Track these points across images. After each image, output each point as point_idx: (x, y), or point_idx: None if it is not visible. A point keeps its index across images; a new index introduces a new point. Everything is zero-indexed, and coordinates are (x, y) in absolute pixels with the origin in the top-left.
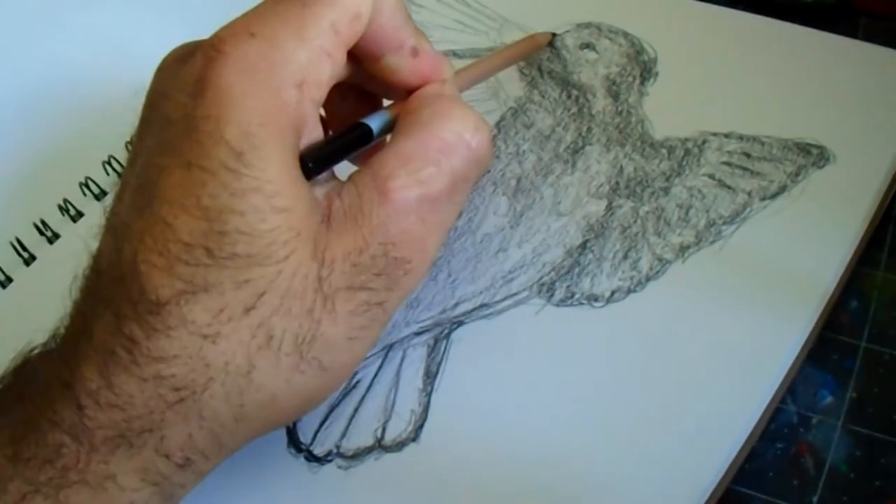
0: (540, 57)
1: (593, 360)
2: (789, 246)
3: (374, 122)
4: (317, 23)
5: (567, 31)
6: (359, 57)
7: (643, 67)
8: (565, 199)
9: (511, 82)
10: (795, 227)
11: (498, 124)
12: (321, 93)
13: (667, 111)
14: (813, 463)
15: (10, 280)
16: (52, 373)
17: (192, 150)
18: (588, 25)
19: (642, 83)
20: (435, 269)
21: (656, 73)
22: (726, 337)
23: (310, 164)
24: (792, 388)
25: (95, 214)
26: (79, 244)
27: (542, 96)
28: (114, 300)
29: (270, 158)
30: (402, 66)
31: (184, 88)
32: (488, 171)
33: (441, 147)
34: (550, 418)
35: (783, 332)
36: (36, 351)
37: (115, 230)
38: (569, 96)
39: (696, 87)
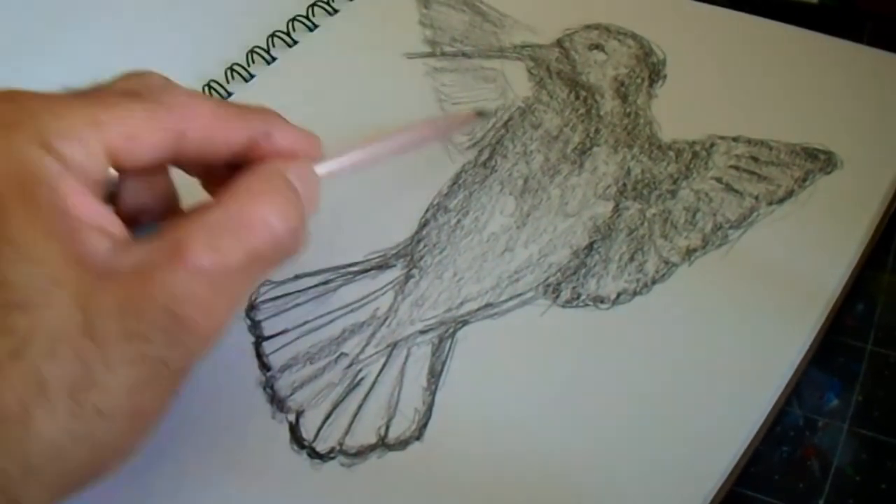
0: (549, 57)
1: (598, 362)
2: (795, 250)
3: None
4: (79, 110)
5: (576, 32)
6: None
7: (652, 69)
8: (572, 200)
9: (520, 82)
10: (802, 232)
11: (506, 124)
12: (82, 168)
13: (675, 113)
14: (819, 466)
15: None
16: None
17: None
18: (597, 27)
19: (651, 85)
20: (440, 267)
21: (665, 76)
22: (731, 340)
23: None
24: (798, 391)
25: None
26: None
27: (551, 97)
28: None
29: (17, 213)
30: (261, 152)
31: None
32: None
33: (245, 223)
34: (554, 418)
35: (787, 335)
36: None
37: None
38: (577, 97)
39: (704, 89)
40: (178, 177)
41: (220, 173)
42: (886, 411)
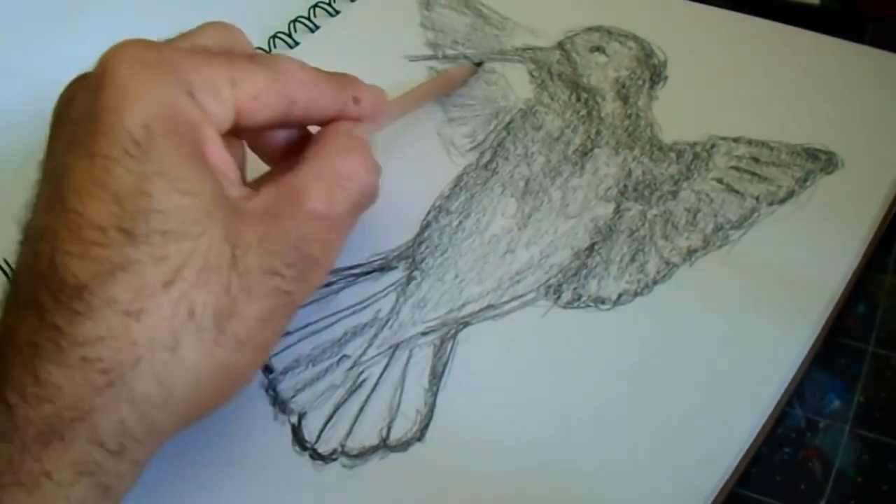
0: (550, 60)
1: (599, 363)
2: (796, 251)
3: None
4: (217, 67)
5: (577, 34)
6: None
7: (653, 71)
8: (573, 202)
9: (521, 84)
10: (803, 233)
11: (507, 126)
12: (217, 119)
13: (676, 115)
14: (820, 467)
15: None
16: None
17: (96, 141)
18: (598, 28)
19: (652, 87)
20: (442, 269)
21: (666, 77)
22: (732, 341)
23: None
24: (799, 393)
25: None
26: None
27: (552, 98)
28: (35, 300)
29: (169, 149)
30: (348, 116)
31: (86, 88)
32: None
33: (345, 176)
34: (555, 420)
35: (789, 336)
36: None
37: (29, 237)
38: (578, 99)
39: (705, 91)
40: None
41: (275, 143)
42: (888, 412)
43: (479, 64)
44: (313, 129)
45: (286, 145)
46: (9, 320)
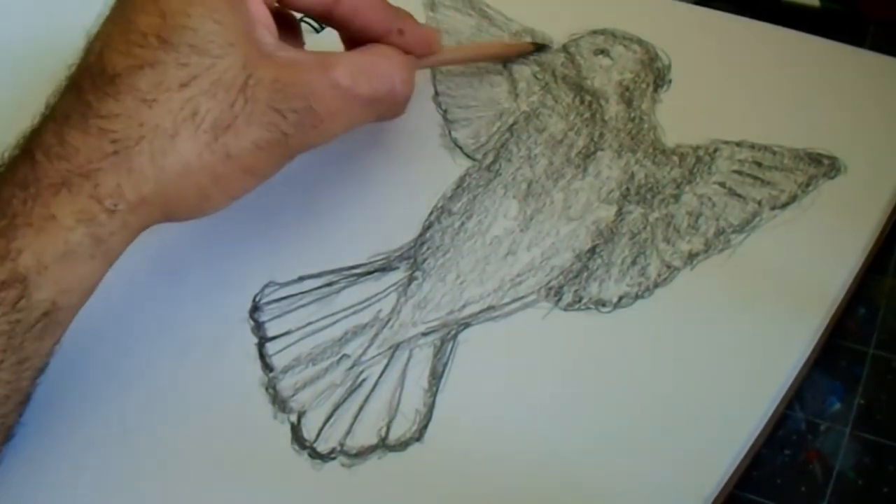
0: (554, 62)
1: (599, 365)
2: (798, 256)
3: None
4: None
5: (582, 37)
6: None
7: (657, 74)
8: (575, 204)
9: (525, 87)
10: (805, 238)
11: (511, 128)
12: None
13: (679, 118)
14: (821, 470)
15: None
16: (17, 147)
17: None
18: (603, 31)
19: (655, 90)
20: (443, 270)
21: (670, 81)
22: (732, 344)
23: None
24: (800, 395)
25: None
26: None
27: (556, 101)
28: (77, 83)
29: None
30: (392, 44)
31: None
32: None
33: (378, 71)
34: (555, 421)
35: (789, 339)
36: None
37: (90, 39)
38: (582, 101)
39: (708, 95)
40: None
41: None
42: (888, 415)
43: (540, 47)
44: None
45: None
46: (54, 101)
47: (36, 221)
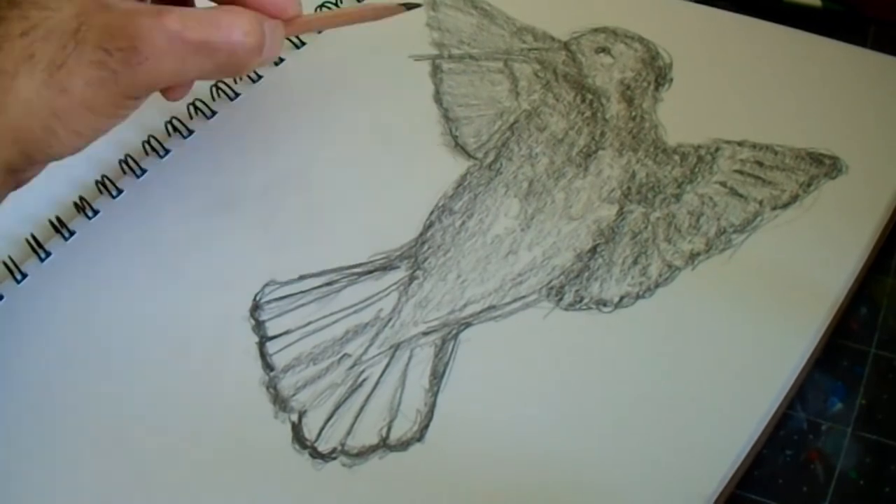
0: (555, 60)
1: (601, 365)
2: (799, 255)
3: None
4: None
5: (583, 35)
6: None
7: (658, 73)
8: (577, 203)
9: (526, 85)
10: (806, 238)
11: (512, 126)
12: None
13: (680, 117)
14: (823, 469)
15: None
16: None
17: None
18: (604, 30)
19: (657, 89)
20: (444, 269)
21: (671, 79)
22: (733, 344)
23: None
24: (801, 395)
25: None
26: None
27: (557, 100)
28: None
29: None
30: (248, 6)
31: None
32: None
33: (214, 21)
34: (556, 421)
35: (791, 339)
36: None
37: None
38: (583, 100)
39: (710, 94)
40: None
41: None
42: (890, 415)
43: (408, 6)
44: None
45: None
46: None
47: None
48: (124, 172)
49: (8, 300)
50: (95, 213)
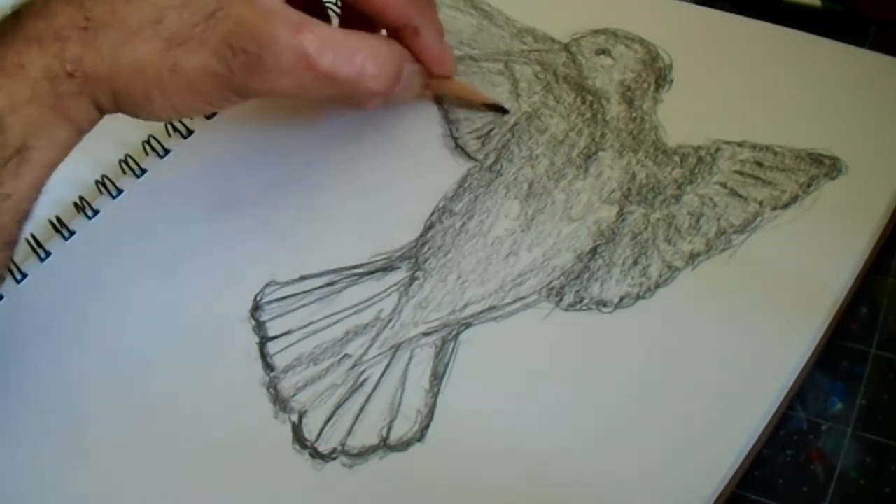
0: (556, 62)
1: (601, 365)
2: (799, 256)
3: None
4: None
5: (583, 37)
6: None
7: (658, 74)
8: (577, 204)
9: (526, 87)
10: (806, 238)
11: (512, 128)
12: None
13: (680, 118)
14: (823, 469)
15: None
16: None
17: None
18: (604, 31)
19: (657, 90)
20: (445, 270)
21: (671, 80)
22: (734, 344)
23: None
24: (802, 395)
25: None
26: None
27: (557, 101)
28: None
29: None
30: (403, 41)
31: None
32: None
33: (350, 54)
34: (556, 421)
35: (791, 339)
36: None
37: None
38: (583, 101)
39: (710, 94)
40: None
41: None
42: (890, 415)
43: (503, 111)
44: None
45: None
46: None
47: (8, 68)
48: (124, 172)
49: (8, 300)
50: (95, 212)
